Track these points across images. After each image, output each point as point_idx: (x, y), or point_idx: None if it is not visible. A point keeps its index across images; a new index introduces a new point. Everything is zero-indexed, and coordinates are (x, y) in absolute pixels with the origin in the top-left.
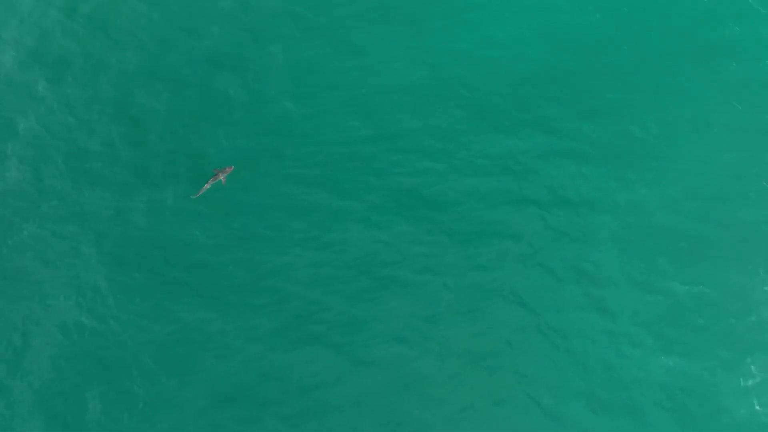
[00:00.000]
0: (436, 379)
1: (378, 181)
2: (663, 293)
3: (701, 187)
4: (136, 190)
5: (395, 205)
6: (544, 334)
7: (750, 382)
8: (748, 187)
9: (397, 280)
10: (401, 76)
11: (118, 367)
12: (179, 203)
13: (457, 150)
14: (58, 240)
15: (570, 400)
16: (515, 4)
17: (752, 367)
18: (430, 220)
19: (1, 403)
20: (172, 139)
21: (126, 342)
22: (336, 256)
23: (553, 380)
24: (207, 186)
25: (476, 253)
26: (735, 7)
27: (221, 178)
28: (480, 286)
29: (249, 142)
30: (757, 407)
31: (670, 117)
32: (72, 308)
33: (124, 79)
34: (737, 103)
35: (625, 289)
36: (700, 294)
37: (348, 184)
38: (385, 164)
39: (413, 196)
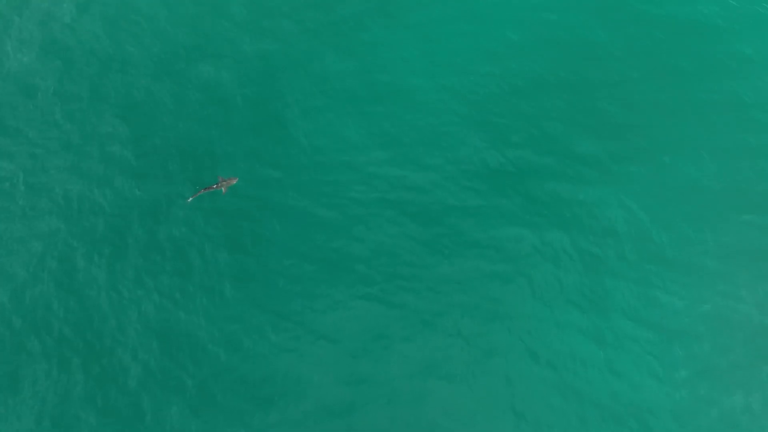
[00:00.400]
0: (409, 400)
1: (363, 195)
2: (655, 328)
3: (701, 215)
4: (125, 192)
5: (380, 220)
6: (529, 364)
7: (741, 426)
8: (754, 216)
9: (375, 298)
10: (396, 86)
11: (94, 381)
12: (168, 209)
13: (449, 167)
14: (41, 241)
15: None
16: (517, 17)
17: (738, 406)
18: (415, 239)
19: None
20: (164, 140)
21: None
22: (315, 272)
23: (538, 413)
24: (204, 191)
25: (461, 276)
26: (752, 24)
27: (222, 187)
28: (463, 309)
29: (241, 146)
30: None
31: (674, 139)
32: (50, 314)
33: (121, 79)
34: (746, 126)
35: (616, 320)
36: (690, 328)
37: (333, 197)
38: (372, 177)
39: (399, 211)
